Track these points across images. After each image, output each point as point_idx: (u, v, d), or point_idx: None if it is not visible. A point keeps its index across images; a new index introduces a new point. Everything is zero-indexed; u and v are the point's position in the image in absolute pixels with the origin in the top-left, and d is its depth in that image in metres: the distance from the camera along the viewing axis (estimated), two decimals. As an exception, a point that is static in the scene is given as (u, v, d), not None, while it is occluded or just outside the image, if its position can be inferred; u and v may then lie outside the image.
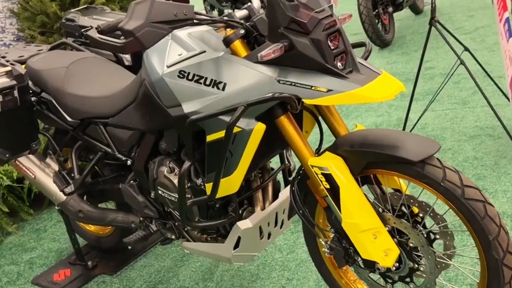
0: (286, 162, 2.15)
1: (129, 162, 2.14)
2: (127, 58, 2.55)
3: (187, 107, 1.72)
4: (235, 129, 1.65)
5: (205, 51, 1.72)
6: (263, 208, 2.00)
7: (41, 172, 2.42)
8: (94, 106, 2.16)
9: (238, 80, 1.64)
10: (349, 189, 1.62)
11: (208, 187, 1.81)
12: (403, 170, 1.60)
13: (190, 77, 1.71)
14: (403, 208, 1.70)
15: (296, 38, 1.56)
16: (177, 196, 1.93)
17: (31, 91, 2.33)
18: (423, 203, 1.64)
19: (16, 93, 2.11)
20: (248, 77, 1.63)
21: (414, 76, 3.38)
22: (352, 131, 1.76)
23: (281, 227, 2.07)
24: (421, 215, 1.68)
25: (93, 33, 1.54)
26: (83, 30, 1.61)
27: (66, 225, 2.64)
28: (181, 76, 1.72)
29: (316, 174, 1.66)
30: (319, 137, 1.94)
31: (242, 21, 1.69)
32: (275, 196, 2.07)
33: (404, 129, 3.37)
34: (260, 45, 1.67)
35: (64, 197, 2.34)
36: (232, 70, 1.65)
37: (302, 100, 1.58)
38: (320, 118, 1.86)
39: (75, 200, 2.34)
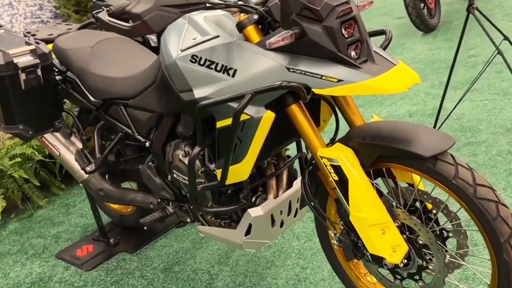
0: (304, 151, 2.12)
1: (147, 144, 2.15)
2: (153, 39, 2.56)
3: (198, 92, 1.71)
4: (244, 117, 1.64)
5: (218, 36, 1.70)
6: (276, 196, 1.98)
7: (65, 149, 2.46)
8: (116, 86, 2.18)
9: (248, 66, 1.61)
10: (358, 182, 1.58)
11: (218, 173, 1.80)
12: (415, 165, 1.55)
13: (202, 62, 1.69)
14: (416, 203, 1.66)
15: (308, 25, 1.52)
16: None
17: (57, 70, 2.37)
18: (436, 200, 1.59)
19: (39, 71, 2.14)
20: (258, 64, 1.60)
21: (456, 64, 3.28)
22: (366, 123, 1.71)
23: (295, 216, 2.05)
24: (434, 211, 1.63)
25: (103, 16, 1.54)
26: (94, 12, 1.61)
27: (90, 202, 2.69)
28: (194, 60, 1.71)
29: (325, 165, 1.62)
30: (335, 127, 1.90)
31: (256, 6, 1.66)
32: (290, 185, 2.04)
33: (437, 119, 3.26)
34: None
35: (86, 175, 2.38)
36: (243, 56, 1.62)
37: (312, 89, 1.54)
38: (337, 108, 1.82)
39: (96, 178, 2.38)
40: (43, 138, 2.50)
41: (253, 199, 2.00)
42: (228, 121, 1.67)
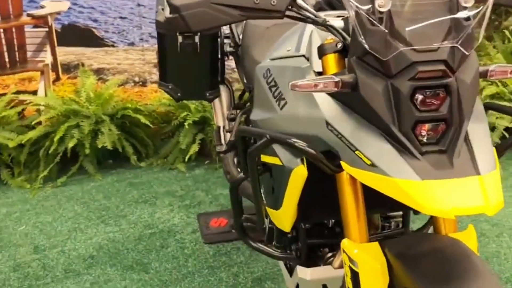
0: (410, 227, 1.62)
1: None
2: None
3: (254, 113, 1.44)
4: (275, 160, 1.32)
5: (303, 56, 1.37)
6: (341, 265, 1.58)
7: (220, 120, 2.42)
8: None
9: (296, 104, 1.27)
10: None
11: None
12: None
13: (269, 81, 1.40)
14: None
15: (364, 77, 1.09)
16: None
17: (233, 41, 2.29)
18: None
19: (197, 38, 2.09)
20: (305, 106, 1.24)
21: None
22: (432, 234, 1.22)
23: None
24: None
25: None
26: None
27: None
28: (265, 76, 1.43)
29: (345, 263, 1.21)
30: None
31: (344, 34, 1.25)
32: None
33: None
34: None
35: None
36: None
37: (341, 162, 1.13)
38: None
39: (228, 160, 2.28)
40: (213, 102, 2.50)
41: (329, 254, 1.64)
42: (265, 157, 1.37)
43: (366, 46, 1.07)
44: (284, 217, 1.42)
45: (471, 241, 1.18)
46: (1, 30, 3.41)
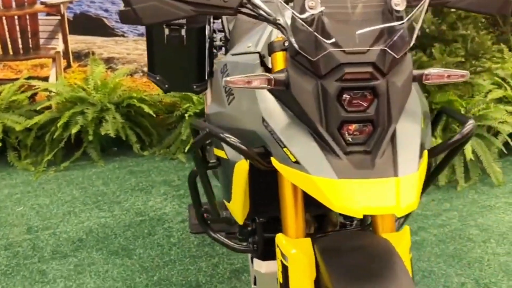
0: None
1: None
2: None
3: (209, 106, 1.48)
4: (222, 154, 1.35)
5: (258, 53, 1.40)
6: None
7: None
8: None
9: (241, 100, 1.30)
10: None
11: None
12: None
13: (224, 76, 1.44)
14: None
15: (296, 76, 1.11)
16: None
17: (224, 36, 2.32)
18: None
19: (183, 32, 2.13)
20: (247, 102, 1.27)
21: None
22: (358, 232, 1.25)
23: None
24: None
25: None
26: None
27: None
28: (222, 70, 1.46)
29: (277, 257, 1.23)
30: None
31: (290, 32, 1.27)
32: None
33: None
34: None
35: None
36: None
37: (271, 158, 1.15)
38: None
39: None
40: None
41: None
42: (216, 151, 1.41)
43: (296, 45, 1.09)
44: (235, 209, 1.45)
45: (403, 242, 1.19)
46: (16, 17, 3.52)
